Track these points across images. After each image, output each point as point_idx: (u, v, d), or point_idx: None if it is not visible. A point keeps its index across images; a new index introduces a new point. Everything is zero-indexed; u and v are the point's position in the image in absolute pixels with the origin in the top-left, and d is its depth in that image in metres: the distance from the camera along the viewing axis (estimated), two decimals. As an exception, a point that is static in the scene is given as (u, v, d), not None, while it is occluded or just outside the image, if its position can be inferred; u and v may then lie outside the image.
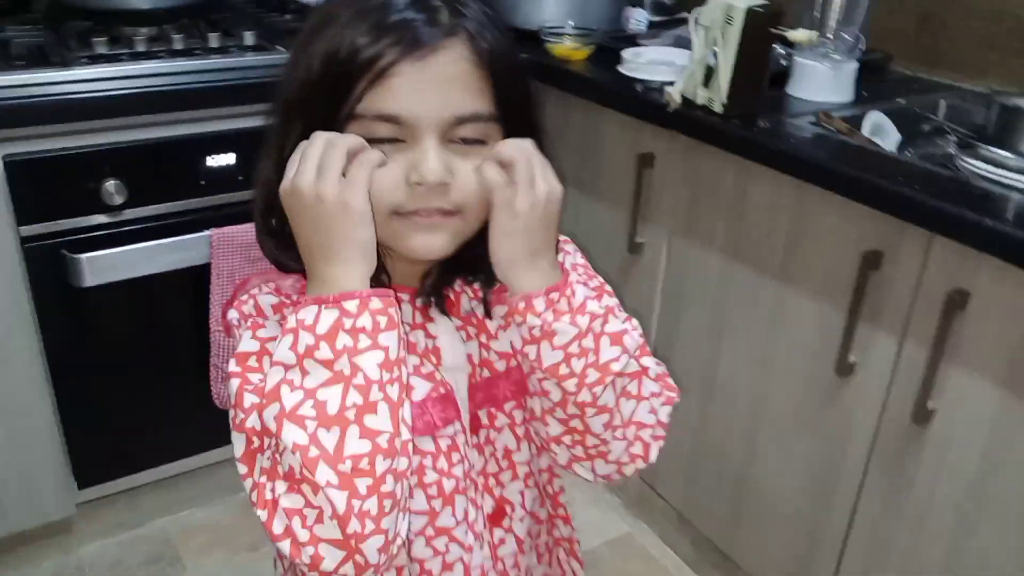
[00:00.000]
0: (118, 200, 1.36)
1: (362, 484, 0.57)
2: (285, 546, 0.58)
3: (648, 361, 0.73)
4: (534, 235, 0.65)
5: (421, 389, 0.72)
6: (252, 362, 0.63)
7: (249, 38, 1.52)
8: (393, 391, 0.60)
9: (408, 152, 0.63)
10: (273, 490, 0.58)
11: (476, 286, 0.76)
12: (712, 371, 1.49)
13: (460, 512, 0.76)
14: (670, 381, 0.76)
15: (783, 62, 1.52)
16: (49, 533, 1.61)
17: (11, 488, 1.49)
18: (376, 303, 0.60)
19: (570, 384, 0.66)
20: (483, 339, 0.77)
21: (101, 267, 1.39)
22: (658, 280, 1.57)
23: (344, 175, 0.60)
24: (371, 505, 0.58)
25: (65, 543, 1.65)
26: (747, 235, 1.37)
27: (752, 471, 1.45)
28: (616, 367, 0.66)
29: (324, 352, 0.58)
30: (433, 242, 0.66)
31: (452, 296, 0.76)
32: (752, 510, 1.47)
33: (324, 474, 0.56)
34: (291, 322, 0.59)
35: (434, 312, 0.74)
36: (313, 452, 0.56)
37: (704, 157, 1.40)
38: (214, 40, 1.50)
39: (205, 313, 1.38)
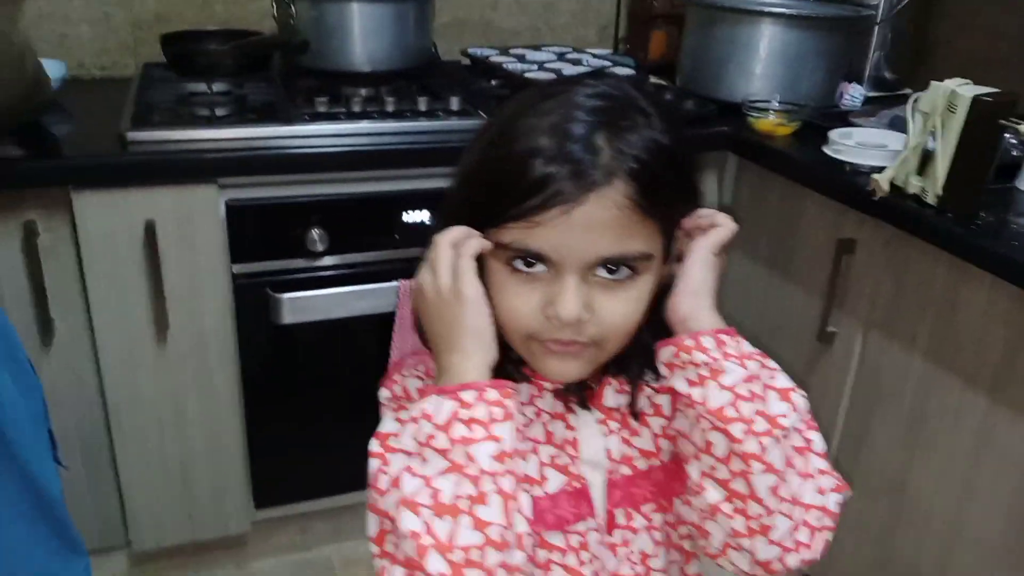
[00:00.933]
0: (320, 247, 1.46)
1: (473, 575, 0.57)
2: None
3: (815, 436, 0.68)
4: (711, 287, 0.68)
5: (555, 481, 0.71)
6: (392, 442, 0.64)
7: (455, 103, 1.59)
8: (506, 483, 0.60)
9: (550, 284, 0.64)
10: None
11: (623, 379, 0.74)
12: (902, 482, 1.36)
13: None
14: (836, 474, 0.70)
15: (1015, 152, 1.38)
16: (227, 545, 1.73)
17: (202, 499, 1.61)
18: (492, 394, 0.61)
19: (737, 429, 0.63)
20: (625, 435, 0.74)
21: (300, 307, 1.48)
22: (848, 374, 1.46)
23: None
24: None
25: (239, 556, 1.77)
26: (955, 340, 1.24)
27: (941, 602, 1.30)
28: (785, 423, 0.64)
29: (441, 441, 0.59)
30: (567, 369, 0.67)
31: (596, 387, 0.74)
32: (938, 646, 1.32)
33: (435, 563, 0.57)
34: (415, 410, 0.61)
35: (576, 404, 0.73)
36: (426, 540, 0.57)
37: (912, 250, 1.30)
38: (423, 103, 1.57)
39: (387, 358, 1.43)
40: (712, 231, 0.69)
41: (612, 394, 0.75)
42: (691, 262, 0.68)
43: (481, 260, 0.66)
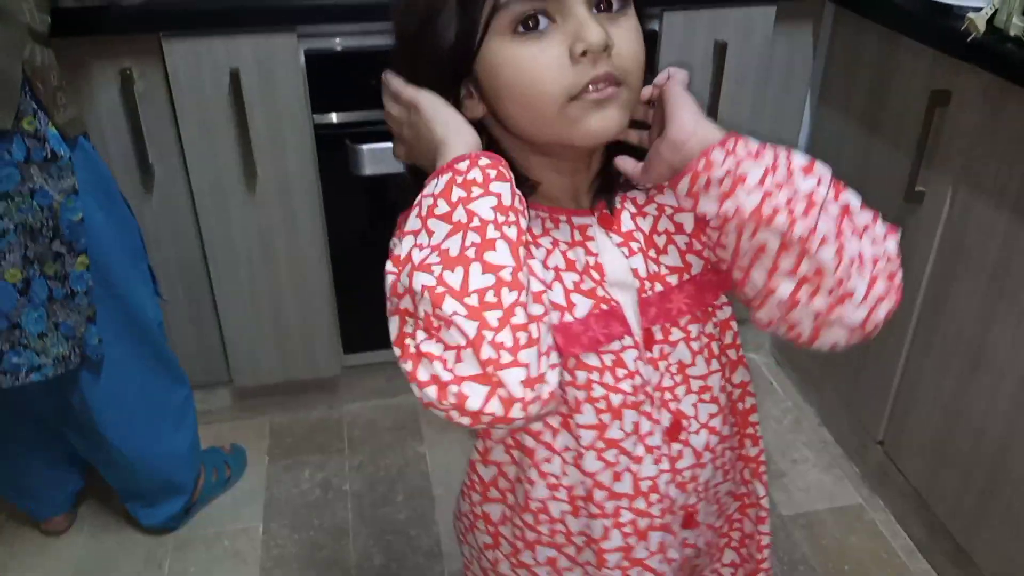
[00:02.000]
0: (396, 97, 1.49)
1: (492, 316, 0.58)
2: (431, 392, 0.59)
3: (849, 195, 0.69)
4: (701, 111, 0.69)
5: (583, 306, 0.72)
6: (398, 238, 0.67)
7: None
8: (511, 231, 0.61)
9: (563, 29, 0.64)
10: (416, 342, 0.60)
11: (638, 200, 0.75)
12: (980, 342, 1.31)
13: (629, 425, 0.76)
14: (881, 221, 0.71)
15: None
16: (318, 387, 1.86)
17: (293, 342, 1.73)
18: (484, 160, 0.62)
19: (782, 220, 0.64)
20: (651, 253, 0.75)
21: (380, 158, 1.53)
22: (935, 236, 1.40)
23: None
24: (504, 337, 0.58)
25: (331, 399, 1.90)
26: (1046, 193, 1.17)
27: (1010, 462, 1.28)
28: (819, 194, 0.65)
29: (441, 207, 0.61)
30: (609, 119, 0.66)
31: (611, 213, 0.75)
32: (1002, 505, 1.30)
33: (451, 306, 0.58)
34: (417, 199, 0.63)
35: (594, 230, 0.74)
36: (440, 289, 0.58)
37: (1010, 99, 1.21)
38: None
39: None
40: (672, 77, 0.71)
41: (628, 219, 0.75)
42: (671, 97, 0.70)
43: (474, 69, 0.67)
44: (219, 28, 1.40)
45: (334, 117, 1.52)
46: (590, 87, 0.64)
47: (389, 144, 1.63)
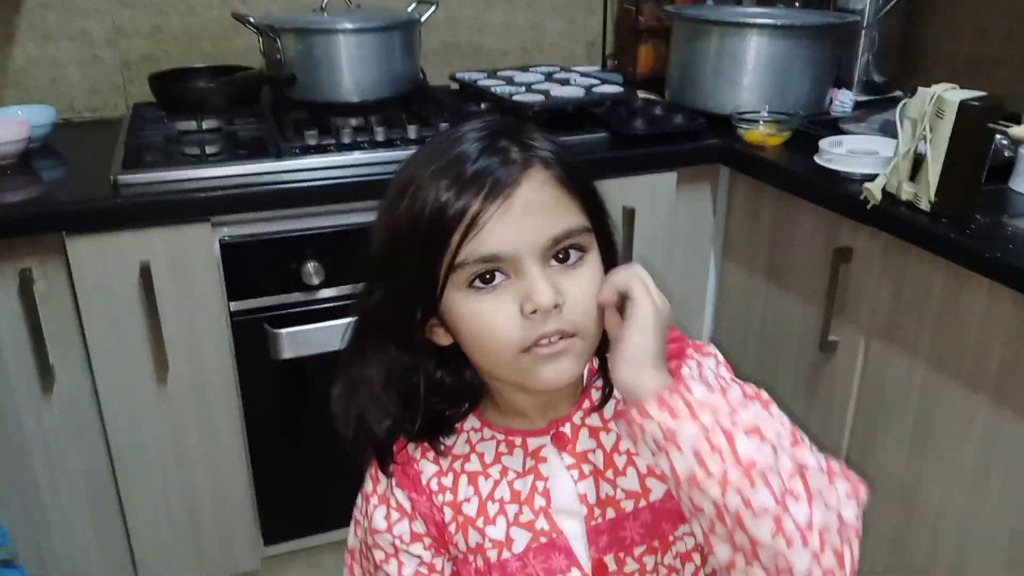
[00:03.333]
0: (316, 280, 1.46)
1: None
2: None
3: (808, 457, 0.64)
4: (652, 350, 0.64)
5: (521, 540, 0.71)
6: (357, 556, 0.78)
7: (444, 129, 1.59)
8: None
9: (516, 286, 0.65)
10: None
11: (605, 412, 0.74)
12: (913, 488, 1.35)
13: None
14: (853, 474, 0.66)
15: (1007, 153, 1.38)
16: (238, 583, 1.72)
17: (209, 538, 1.61)
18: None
19: (713, 488, 0.59)
20: (609, 475, 0.73)
21: (300, 341, 1.48)
22: (853, 383, 1.45)
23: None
24: None
25: (252, 594, 1.75)
26: (956, 347, 1.23)
27: (957, 609, 1.29)
28: (761, 460, 0.59)
29: None
30: (562, 369, 0.66)
31: (569, 432, 0.73)
32: (956, 654, 1.30)
33: None
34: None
35: (548, 451, 0.73)
36: None
37: (909, 257, 1.29)
38: (412, 131, 1.58)
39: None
40: (636, 305, 0.65)
41: (586, 437, 0.74)
42: (630, 314, 0.65)
43: (439, 309, 0.67)
44: (128, 223, 1.36)
45: (251, 303, 1.48)
46: (541, 341, 0.65)
47: (309, 326, 1.58)
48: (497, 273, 0.65)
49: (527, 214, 0.64)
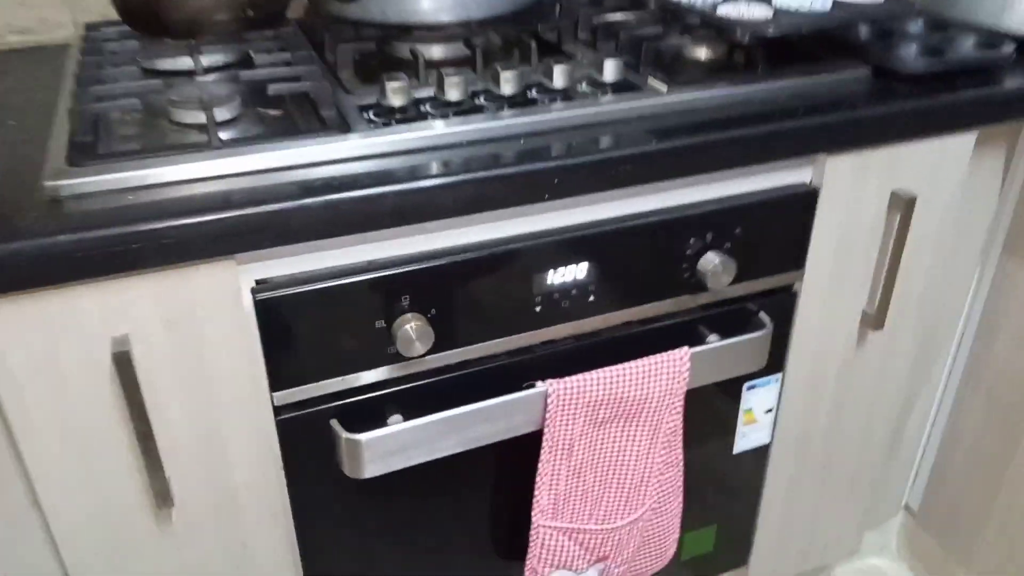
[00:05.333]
0: (420, 347, 0.84)
1: None
2: None
3: None
4: None
5: None
6: None
7: (611, 69, 0.95)
8: None
9: None
10: None
11: None
12: None
13: None
14: None
15: None
16: None
17: None
18: None
19: None
20: None
21: (389, 450, 0.87)
22: None
23: None
24: None
25: None
26: None
27: None
28: None
29: None
30: None
31: None
32: None
33: None
34: None
35: None
36: None
37: None
38: (559, 75, 0.93)
39: (520, 498, 0.87)
40: None
41: None
42: None
43: None
44: (86, 272, 0.73)
45: (306, 391, 0.87)
46: None
47: (407, 425, 1.09)
48: None
49: None
